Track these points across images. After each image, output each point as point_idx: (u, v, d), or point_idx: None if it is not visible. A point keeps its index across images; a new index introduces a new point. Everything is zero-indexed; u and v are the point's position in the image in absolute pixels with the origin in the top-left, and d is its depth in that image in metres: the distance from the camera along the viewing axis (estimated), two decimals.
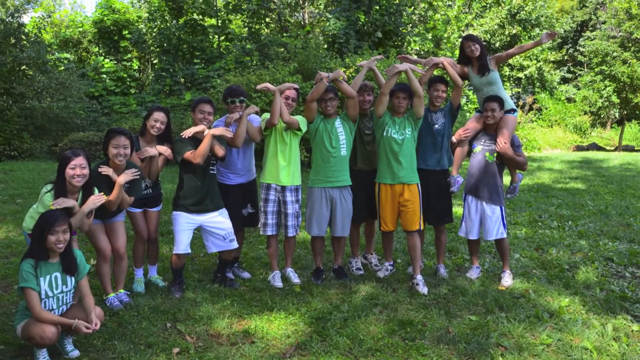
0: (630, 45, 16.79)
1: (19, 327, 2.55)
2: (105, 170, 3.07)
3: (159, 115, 3.43)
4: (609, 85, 16.87)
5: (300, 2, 17.36)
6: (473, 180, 3.78)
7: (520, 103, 19.78)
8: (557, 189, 8.07)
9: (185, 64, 14.44)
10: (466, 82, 4.01)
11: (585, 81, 18.40)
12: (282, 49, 12.79)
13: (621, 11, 16.98)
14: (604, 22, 18.66)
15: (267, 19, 16.36)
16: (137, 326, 2.94)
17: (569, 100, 21.19)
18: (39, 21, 13.53)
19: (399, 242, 4.90)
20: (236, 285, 3.63)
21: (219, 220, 3.48)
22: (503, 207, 3.76)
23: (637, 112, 17.35)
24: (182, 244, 3.39)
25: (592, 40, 18.19)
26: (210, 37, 15.39)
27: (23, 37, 11.01)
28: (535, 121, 19.97)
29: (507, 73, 19.65)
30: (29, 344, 2.56)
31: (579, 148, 17.98)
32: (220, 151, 3.40)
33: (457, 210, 5.52)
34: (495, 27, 19.11)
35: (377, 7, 13.85)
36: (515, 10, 19.28)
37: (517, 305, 3.32)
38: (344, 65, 10.24)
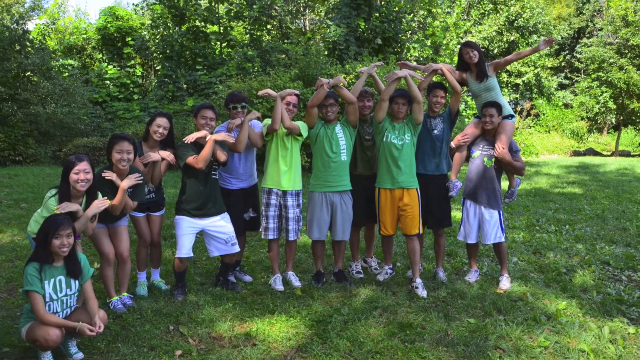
0: (626, 51, 16.92)
1: (23, 330, 2.57)
2: (108, 175, 3.11)
3: (161, 121, 3.48)
4: (606, 91, 16.97)
5: (301, 9, 17.53)
6: (471, 185, 3.83)
7: (518, 109, 19.90)
8: (554, 194, 8.12)
9: (188, 70, 14.54)
10: (465, 88, 4.06)
11: (582, 87, 18.52)
12: (283, 56, 12.89)
13: (618, 18, 17.14)
14: (601, 29, 18.82)
15: (269, 26, 16.50)
16: (140, 329, 2.97)
17: (566, 106, 21.30)
18: (44, 28, 13.65)
19: (399, 245, 4.94)
20: (238, 289, 3.67)
21: (221, 225, 3.52)
22: (501, 212, 3.80)
23: (634, 117, 17.43)
24: (185, 248, 3.43)
25: (589, 47, 18.34)
26: (213, 43, 15.51)
27: (28, 43, 11.09)
28: (533, 127, 20.08)
29: (505, 79, 19.79)
30: (33, 346, 2.59)
31: (576, 153, 18.09)
32: (222, 156, 3.44)
33: (455, 214, 5.56)
34: (494, 34, 19.28)
35: (377, 15, 14.00)
36: (513, 18, 19.46)
37: (515, 308, 3.35)
38: (344, 71, 10.34)
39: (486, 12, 20.07)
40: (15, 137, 10.78)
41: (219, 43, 15.63)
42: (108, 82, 15.13)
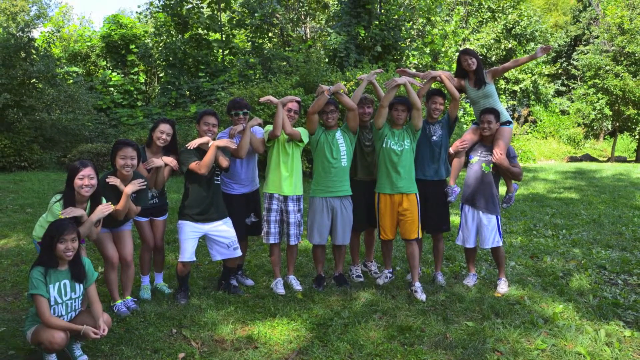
0: (622, 59, 17.09)
1: (28, 333, 2.60)
2: (112, 180, 3.15)
3: (164, 127, 3.53)
4: (602, 98, 17.13)
5: (302, 17, 17.73)
6: (470, 190, 3.88)
7: (516, 115, 20.06)
8: (551, 199, 8.17)
9: (191, 78, 14.66)
10: (463, 94, 4.12)
11: (578, 94, 18.68)
12: (285, 63, 13.02)
13: (614, 26, 17.33)
14: (597, 37, 19.02)
15: (270, 34, 16.66)
16: (144, 332, 3.00)
17: (563, 112, 21.45)
18: (49, 36, 13.77)
19: (398, 250, 4.98)
20: (240, 292, 3.71)
21: (223, 229, 3.56)
22: (499, 216, 3.85)
23: (629, 124, 17.58)
24: (188, 252, 3.47)
25: (585, 54, 18.54)
26: (215, 51, 15.65)
27: (33, 51, 11.21)
28: (530, 133, 20.21)
29: (502, 86, 19.95)
30: (38, 349, 2.62)
31: (573, 159, 18.21)
32: (224, 162, 3.49)
33: (454, 219, 5.61)
34: (492, 41, 19.47)
35: (377, 22, 14.16)
36: (511, 25, 19.67)
37: (513, 311, 3.39)
38: (344, 78, 10.44)
39: (484, 20, 20.28)
40: (21, 143, 10.88)
41: (221, 50, 15.77)
42: (112, 89, 15.26)
